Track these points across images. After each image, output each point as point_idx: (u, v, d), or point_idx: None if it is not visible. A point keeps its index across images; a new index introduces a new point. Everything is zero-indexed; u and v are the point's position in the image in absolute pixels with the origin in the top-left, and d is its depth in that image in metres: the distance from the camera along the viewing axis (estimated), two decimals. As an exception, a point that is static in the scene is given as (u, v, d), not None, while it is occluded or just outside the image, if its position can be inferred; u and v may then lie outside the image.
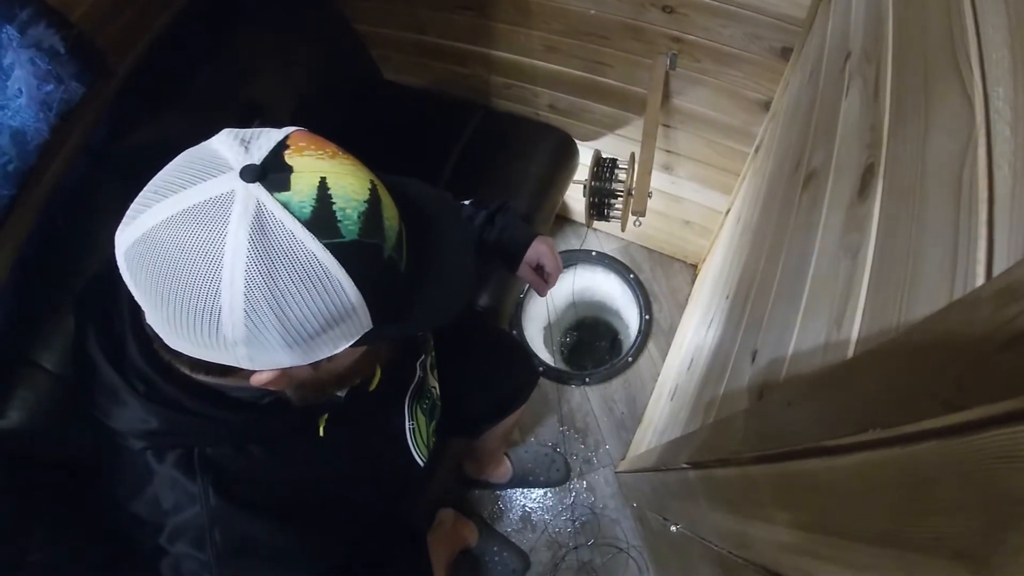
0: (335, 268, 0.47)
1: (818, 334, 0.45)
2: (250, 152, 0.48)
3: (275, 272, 0.45)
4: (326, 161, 0.49)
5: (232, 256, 0.44)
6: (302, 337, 0.49)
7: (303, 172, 0.48)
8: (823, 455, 0.33)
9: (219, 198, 0.45)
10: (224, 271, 0.45)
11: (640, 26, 1.21)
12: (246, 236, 0.45)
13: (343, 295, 0.49)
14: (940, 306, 0.25)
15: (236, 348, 0.48)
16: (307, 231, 0.46)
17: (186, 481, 0.61)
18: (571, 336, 2.21)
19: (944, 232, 0.30)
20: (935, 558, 0.24)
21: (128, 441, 0.60)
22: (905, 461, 0.25)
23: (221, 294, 0.45)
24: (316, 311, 0.48)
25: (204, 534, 0.61)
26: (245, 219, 0.45)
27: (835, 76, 0.71)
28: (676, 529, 0.98)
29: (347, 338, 0.52)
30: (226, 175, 0.46)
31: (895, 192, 0.39)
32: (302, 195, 0.47)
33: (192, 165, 0.48)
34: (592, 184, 1.37)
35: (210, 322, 0.47)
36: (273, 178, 0.47)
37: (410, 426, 0.90)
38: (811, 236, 0.57)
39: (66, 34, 0.94)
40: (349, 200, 0.48)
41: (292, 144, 0.49)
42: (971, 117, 0.32)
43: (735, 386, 0.70)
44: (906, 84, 0.45)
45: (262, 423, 0.64)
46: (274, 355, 0.50)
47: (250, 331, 0.47)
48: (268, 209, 0.45)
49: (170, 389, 0.58)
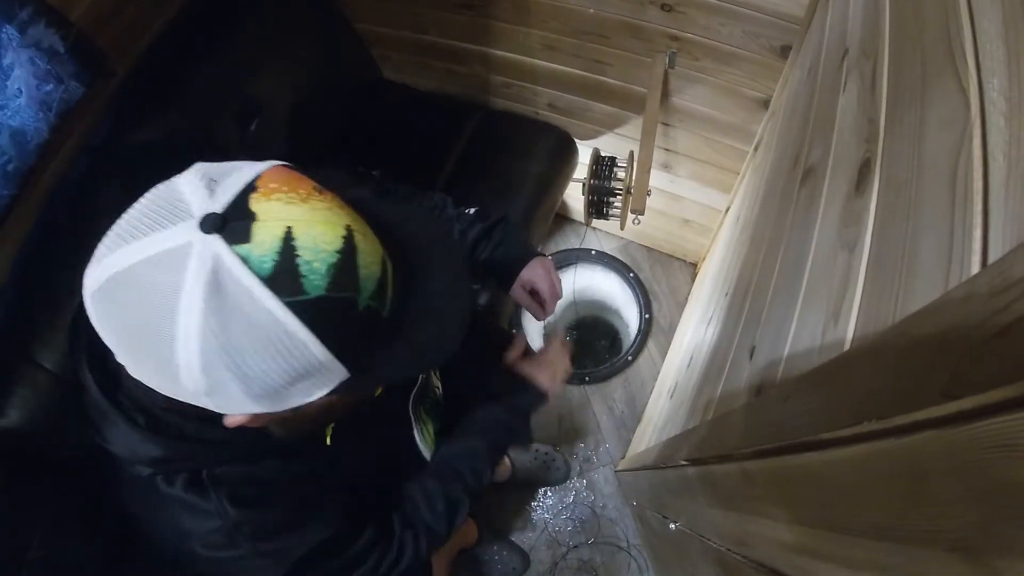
0: (296, 327, 0.44)
1: (815, 329, 0.45)
2: (215, 196, 0.45)
3: (230, 332, 0.43)
4: (296, 206, 0.46)
5: (186, 313, 0.42)
6: (266, 392, 0.47)
7: (267, 221, 0.44)
8: (820, 448, 0.33)
9: (176, 250, 0.43)
10: (179, 330, 0.43)
11: (639, 25, 1.21)
12: (201, 293, 0.42)
13: (307, 352, 0.46)
14: (936, 297, 0.25)
15: (199, 398, 0.47)
16: (266, 289, 0.43)
17: (200, 501, 0.61)
18: (571, 335, 2.21)
19: (940, 223, 0.30)
20: (933, 551, 0.24)
21: (135, 468, 0.60)
22: (900, 453, 0.25)
23: (176, 352, 0.43)
24: (278, 368, 0.45)
25: (233, 535, 0.62)
26: (201, 275, 0.42)
27: (833, 72, 0.71)
28: (676, 527, 0.98)
29: (320, 389, 0.50)
30: (185, 224, 0.44)
31: (892, 185, 0.40)
32: (263, 248, 0.43)
33: (155, 208, 0.45)
34: (591, 182, 1.37)
35: (171, 375, 0.45)
36: (233, 227, 0.43)
37: (417, 428, 0.90)
38: (809, 231, 0.57)
39: (65, 33, 0.94)
40: (317, 252, 0.45)
41: (262, 186, 0.46)
42: (966, 109, 0.32)
43: (734, 383, 0.70)
44: (903, 78, 0.45)
45: (265, 442, 0.63)
46: (241, 405, 0.48)
47: (210, 387, 0.45)
48: (226, 265, 0.43)
49: (170, 417, 0.57)
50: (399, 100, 1.67)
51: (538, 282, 0.96)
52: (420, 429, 0.90)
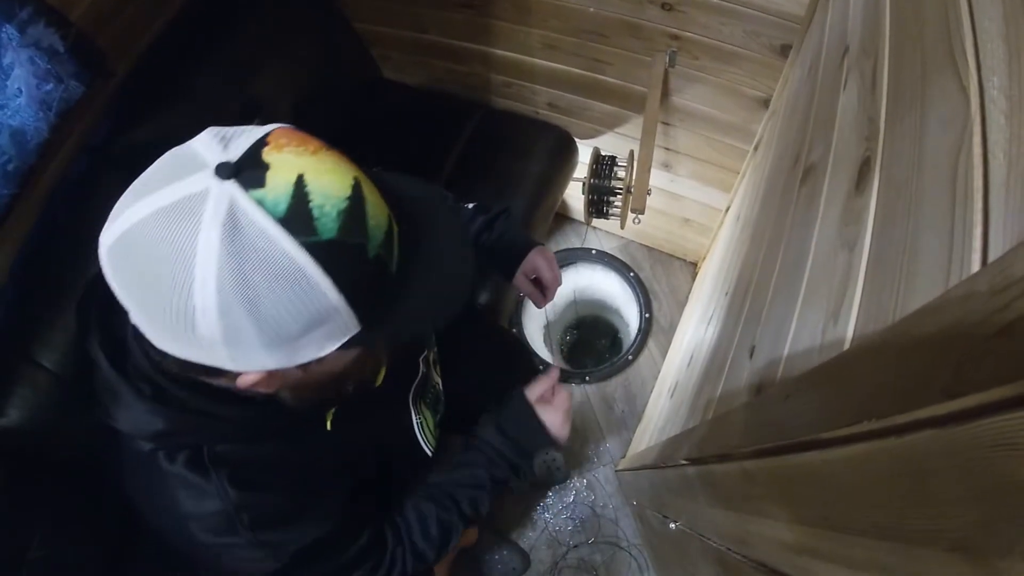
0: (311, 268, 0.46)
1: (815, 327, 0.45)
2: (228, 150, 0.47)
3: (247, 272, 0.44)
4: (306, 158, 0.48)
5: (204, 255, 0.43)
6: (281, 339, 0.48)
7: (280, 169, 0.46)
8: (820, 448, 0.33)
9: (192, 196, 0.44)
10: (196, 270, 0.44)
11: (639, 24, 1.21)
12: (218, 235, 0.43)
13: (322, 296, 0.47)
14: (936, 296, 0.25)
15: (216, 348, 0.48)
16: (281, 229, 0.44)
17: (200, 479, 0.61)
18: (571, 334, 2.21)
19: (940, 222, 0.30)
20: (934, 551, 0.24)
21: (136, 443, 0.60)
22: (901, 452, 0.25)
23: (194, 294, 0.44)
24: (293, 311, 0.46)
25: (233, 521, 0.62)
26: (217, 217, 0.44)
27: (833, 71, 0.71)
28: (676, 526, 0.98)
29: (332, 340, 0.51)
30: (201, 173, 0.45)
31: (892, 184, 0.39)
32: (277, 192, 0.45)
33: (170, 164, 0.47)
34: (591, 182, 1.37)
35: (186, 322, 0.46)
36: (248, 175, 0.45)
37: (417, 420, 0.90)
38: (809, 230, 0.57)
39: (65, 33, 0.94)
40: (328, 197, 0.47)
41: (272, 141, 0.48)
42: (966, 107, 0.32)
43: (734, 382, 0.70)
44: (903, 77, 0.45)
45: (269, 418, 0.64)
46: (255, 356, 0.49)
47: (226, 332, 0.46)
48: (241, 207, 0.44)
49: (175, 389, 0.58)
50: (399, 99, 1.67)
51: (541, 270, 0.98)
52: (419, 422, 0.90)
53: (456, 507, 0.86)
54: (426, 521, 0.83)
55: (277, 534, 0.66)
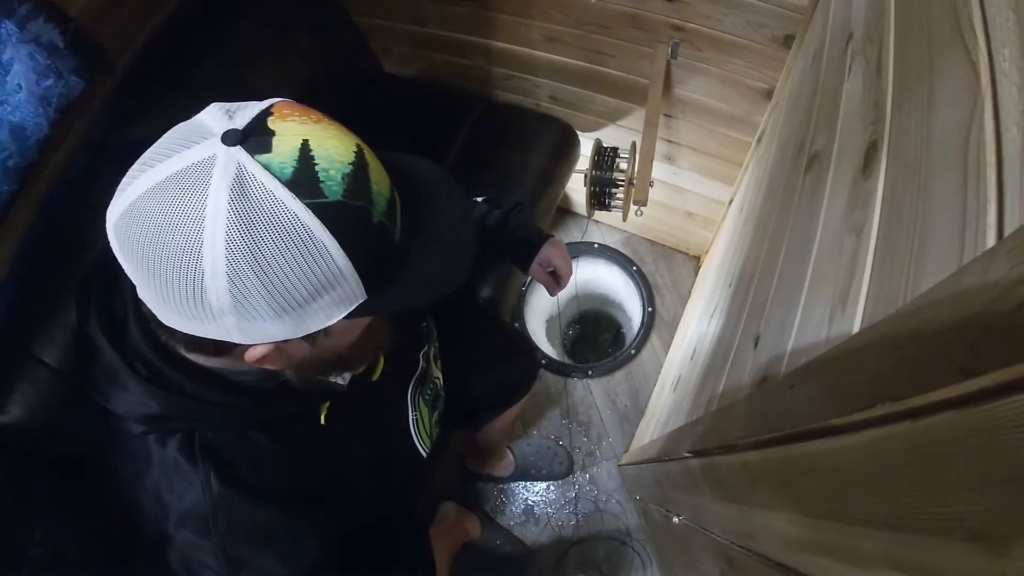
0: (319, 229, 0.46)
1: (822, 314, 0.44)
2: (234, 119, 0.48)
3: (256, 233, 0.45)
4: (309, 125, 0.49)
5: (213, 219, 0.44)
6: (289, 304, 0.48)
7: (285, 135, 0.47)
8: (829, 435, 0.32)
9: (200, 163, 0.45)
10: (205, 234, 0.44)
11: (641, 15, 1.20)
12: (226, 198, 0.44)
13: (329, 258, 0.47)
14: (950, 274, 0.24)
15: (224, 318, 0.48)
16: (288, 191, 0.45)
17: (188, 467, 0.60)
18: (574, 329, 2.21)
19: (952, 200, 0.29)
20: (950, 541, 0.23)
21: (128, 425, 0.60)
22: (916, 436, 0.24)
23: (203, 258, 0.45)
24: (301, 274, 0.47)
25: (208, 521, 0.61)
26: (225, 181, 0.44)
27: (837, 58, 0.70)
28: (679, 521, 0.97)
29: (339, 308, 0.51)
30: (208, 141, 0.46)
31: (900, 166, 0.39)
32: (283, 156, 0.46)
33: (178, 136, 0.48)
34: (593, 173, 1.36)
35: (195, 289, 0.46)
36: (254, 141, 0.46)
37: (413, 416, 0.89)
38: (814, 218, 0.57)
39: (65, 28, 0.94)
40: (333, 161, 0.48)
41: (276, 111, 0.49)
42: (976, 82, 0.31)
43: (738, 373, 0.69)
44: (909, 58, 0.44)
45: (263, 408, 0.64)
46: (264, 325, 0.49)
47: (235, 297, 0.46)
48: (248, 171, 0.45)
49: (172, 372, 0.58)
50: (399, 93, 1.67)
51: (555, 260, 1.03)
52: (415, 419, 0.90)
53: None
54: None
55: (244, 549, 0.64)
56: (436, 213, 0.60)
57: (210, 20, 1.21)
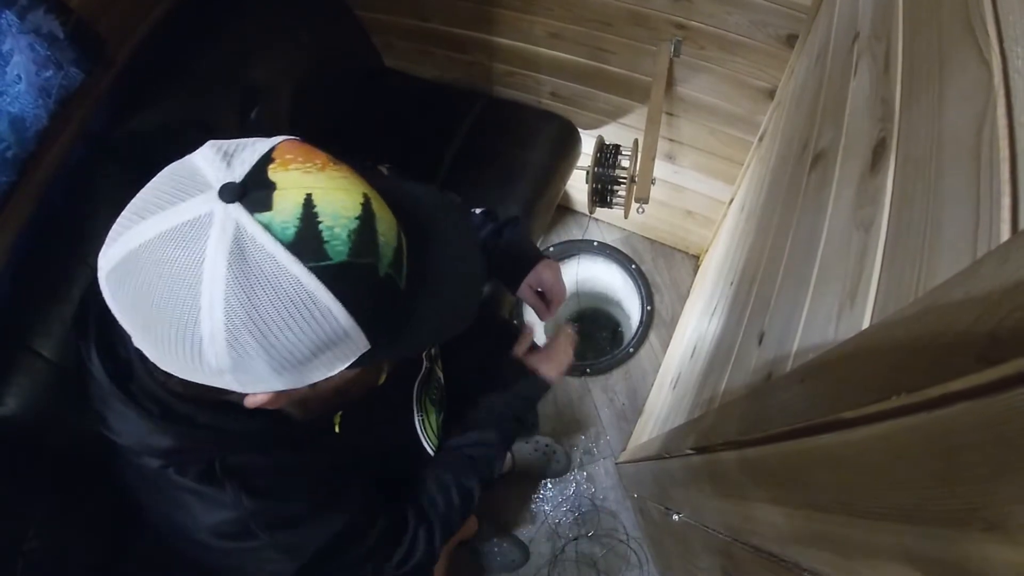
0: (322, 293, 0.44)
1: (830, 310, 0.44)
2: (232, 167, 0.45)
3: (256, 299, 0.43)
4: (313, 175, 0.46)
5: (210, 283, 0.42)
6: (291, 364, 0.46)
7: (287, 189, 0.44)
8: (840, 429, 0.32)
9: (196, 220, 0.43)
10: (203, 299, 0.42)
11: (644, 12, 1.20)
12: (224, 261, 0.42)
13: (332, 320, 0.45)
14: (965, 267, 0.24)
15: (223, 375, 0.46)
16: (290, 254, 0.43)
17: (214, 492, 0.60)
18: (572, 327, 2.20)
19: (964, 195, 0.29)
20: (965, 532, 0.23)
21: (144, 460, 0.59)
22: (933, 427, 0.24)
23: (201, 323, 0.43)
24: (303, 337, 0.45)
25: (248, 527, 0.61)
26: (223, 243, 0.42)
27: (843, 57, 0.70)
28: (679, 518, 0.97)
29: (342, 361, 0.50)
30: (204, 195, 0.43)
31: (910, 162, 0.39)
32: (285, 215, 0.43)
33: (172, 183, 0.45)
34: (595, 170, 1.36)
35: (192, 351, 0.44)
36: (254, 196, 0.43)
37: (419, 417, 0.89)
38: (820, 215, 0.57)
39: (65, 20, 0.93)
40: (338, 218, 0.45)
41: (278, 157, 0.46)
42: (988, 79, 0.31)
43: (742, 370, 0.70)
44: (918, 55, 0.44)
45: (278, 429, 0.63)
46: (264, 380, 0.47)
47: (234, 360, 0.44)
48: (248, 232, 0.42)
49: (182, 406, 0.56)
50: (400, 88, 1.66)
51: (547, 284, 0.98)
52: (422, 419, 0.90)
53: (473, 469, 0.87)
54: (447, 489, 0.84)
55: (295, 535, 0.65)
56: (441, 252, 0.57)
57: (211, 13, 1.20)
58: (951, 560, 0.24)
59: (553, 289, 0.98)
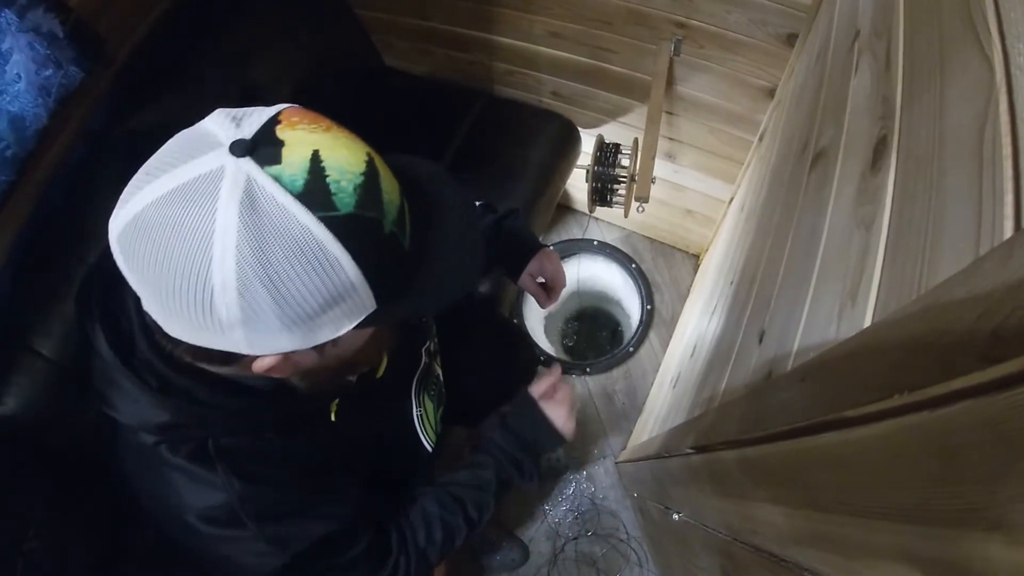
0: (331, 243, 0.45)
1: (831, 308, 0.44)
2: (241, 128, 0.46)
3: (267, 248, 0.44)
4: (319, 134, 0.48)
5: (222, 233, 0.43)
6: (300, 317, 0.47)
7: (295, 145, 0.46)
8: (841, 428, 0.32)
9: (208, 175, 0.44)
10: (215, 248, 0.43)
11: (644, 11, 1.20)
12: (236, 211, 0.43)
13: (341, 272, 0.46)
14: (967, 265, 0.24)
15: (233, 331, 0.47)
16: (300, 204, 0.44)
17: (205, 472, 0.60)
18: (572, 326, 2.21)
19: (966, 192, 0.29)
20: (968, 531, 0.23)
21: (140, 436, 0.59)
22: (934, 426, 0.24)
23: (213, 273, 0.43)
24: (313, 289, 0.46)
25: (237, 513, 0.61)
26: (235, 194, 0.43)
27: (843, 55, 0.70)
28: (679, 517, 0.97)
29: (350, 319, 0.50)
30: (215, 151, 0.45)
31: (911, 160, 0.39)
32: (294, 168, 0.45)
33: (183, 145, 0.46)
34: (595, 169, 1.36)
35: (203, 304, 0.45)
36: (263, 152, 0.45)
37: (418, 412, 0.89)
38: (821, 214, 0.56)
39: (65, 18, 0.93)
40: (344, 172, 0.46)
41: (284, 119, 0.48)
42: (990, 76, 0.31)
43: (742, 368, 0.69)
44: (919, 54, 0.44)
45: (275, 410, 0.63)
46: (273, 338, 0.48)
47: (245, 312, 0.45)
48: (259, 183, 0.44)
49: (181, 380, 0.57)
50: (400, 87, 1.66)
51: (547, 272, 1.00)
52: (420, 414, 0.90)
53: (462, 510, 0.86)
54: (431, 525, 0.84)
55: (281, 527, 0.65)
56: (443, 217, 0.59)
57: (210, 12, 1.20)
58: (952, 560, 0.23)
59: (554, 277, 1.00)
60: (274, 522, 0.64)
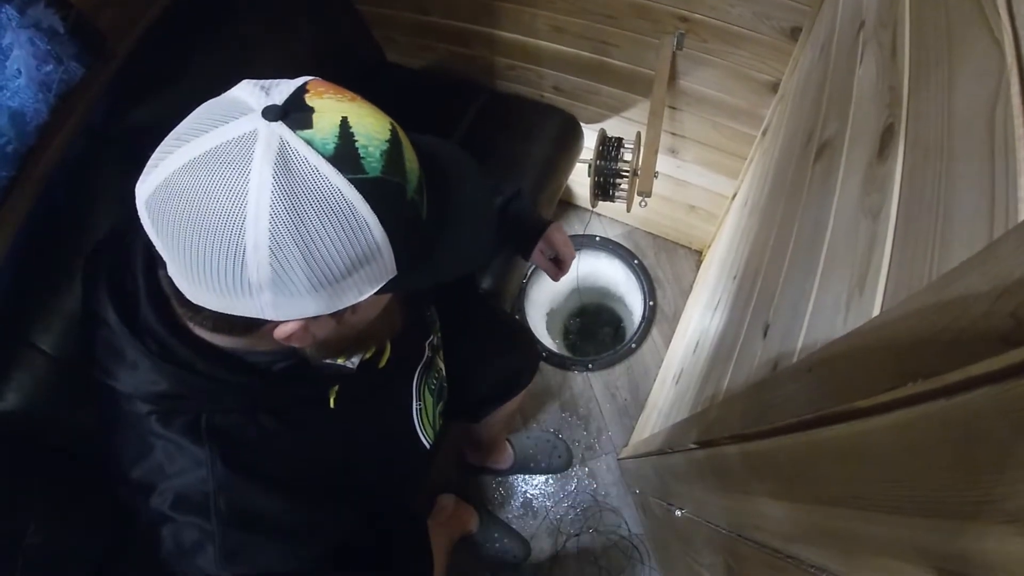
0: (360, 204, 0.47)
1: (838, 298, 0.44)
2: (271, 96, 0.48)
3: (301, 208, 0.45)
4: (346, 103, 0.50)
5: (257, 193, 0.44)
6: (328, 279, 0.49)
7: (324, 112, 0.48)
8: (851, 419, 0.32)
9: (242, 138, 0.45)
10: (249, 207, 0.44)
11: (647, 5, 1.19)
12: (270, 172, 0.44)
13: (368, 233, 0.48)
14: (980, 249, 0.23)
15: (261, 293, 0.48)
16: (332, 166, 0.46)
17: (193, 446, 0.60)
18: (574, 322, 2.20)
19: (978, 176, 0.29)
20: (984, 524, 0.22)
21: (134, 404, 0.60)
22: (951, 414, 0.23)
23: (246, 232, 0.45)
24: (342, 249, 0.48)
25: (209, 501, 0.60)
26: (269, 156, 0.45)
27: (848, 46, 0.69)
28: (681, 514, 0.97)
29: (372, 283, 0.52)
30: (248, 116, 0.46)
31: (919, 147, 0.38)
32: (324, 132, 0.47)
33: (213, 111, 0.48)
34: (597, 163, 1.35)
35: (235, 264, 0.46)
36: (295, 117, 0.47)
37: (417, 406, 0.89)
38: (826, 205, 0.56)
39: (65, 14, 0.93)
40: (371, 138, 0.49)
41: (312, 88, 0.50)
42: (1001, 59, 0.31)
43: (746, 362, 0.69)
44: (926, 40, 0.44)
45: (273, 390, 0.64)
46: (299, 301, 0.49)
47: (276, 272, 0.46)
48: (292, 146, 0.45)
49: (183, 350, 0.58)
50: (402, 82, 1.66)
51: (558, 245, 1.04)
52: (419, 408, 0.89)
53: None
54: None
55: (242, 537, 0.62)
56: (457, 190, 0.61)
57: (211, 8, 1.20)
58: (967, 554, 0.23)
59: (564, 251, 1.05)
60: (239, 528, 0.61)
